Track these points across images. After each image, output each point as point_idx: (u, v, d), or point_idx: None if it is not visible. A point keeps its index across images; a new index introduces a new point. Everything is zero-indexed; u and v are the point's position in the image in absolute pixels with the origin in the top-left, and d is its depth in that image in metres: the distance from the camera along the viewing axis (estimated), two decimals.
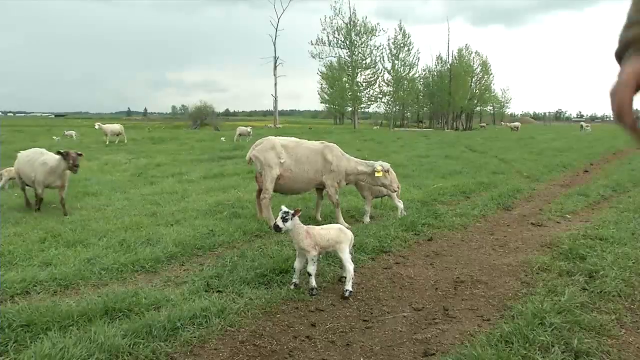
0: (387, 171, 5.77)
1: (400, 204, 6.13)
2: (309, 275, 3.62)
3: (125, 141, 21.53)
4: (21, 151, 7.12)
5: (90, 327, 2.89)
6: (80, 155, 6.51)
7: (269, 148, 5.77)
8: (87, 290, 3.66)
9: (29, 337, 2.82)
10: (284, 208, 3.62)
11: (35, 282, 3.73)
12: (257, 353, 2.81)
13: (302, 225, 3.65)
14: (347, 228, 3.99)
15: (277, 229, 3.60)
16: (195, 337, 2.93)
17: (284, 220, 3.56)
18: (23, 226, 5.71)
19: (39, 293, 3.62)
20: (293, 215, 3.59)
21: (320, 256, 3.77)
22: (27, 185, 6.94)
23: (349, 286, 3.57)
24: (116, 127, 21.82)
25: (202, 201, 7.23)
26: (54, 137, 24.04)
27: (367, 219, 6.03)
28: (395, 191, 6.00)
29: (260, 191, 5.88)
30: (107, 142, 20.54)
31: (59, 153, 6.38)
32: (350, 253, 3.71)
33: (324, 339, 2.98)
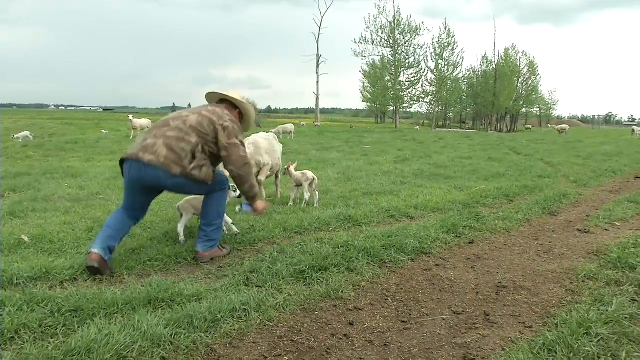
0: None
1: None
2: None
3: None
4: None
5: (134, 316, 2.97)
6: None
7: None
8: (132, 280, 3.76)
9: (77, 322, 2.93)
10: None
11: (83, 269, 3.86)
12: (295, 349, 2.83)
13: None
14: None
15: None
16: (234, 329, 2.97)
17: None
18: (72, 215, 5.92)
19: (86, 280, 3.75)
20: None
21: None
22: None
23: None
24: (144, 121, 22.13)
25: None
26: (103, 131, 24.86)
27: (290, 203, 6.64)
28: None
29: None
30: (132, 137, 20.74)
31: None
32: None
33: (361, 338, 2.98)
